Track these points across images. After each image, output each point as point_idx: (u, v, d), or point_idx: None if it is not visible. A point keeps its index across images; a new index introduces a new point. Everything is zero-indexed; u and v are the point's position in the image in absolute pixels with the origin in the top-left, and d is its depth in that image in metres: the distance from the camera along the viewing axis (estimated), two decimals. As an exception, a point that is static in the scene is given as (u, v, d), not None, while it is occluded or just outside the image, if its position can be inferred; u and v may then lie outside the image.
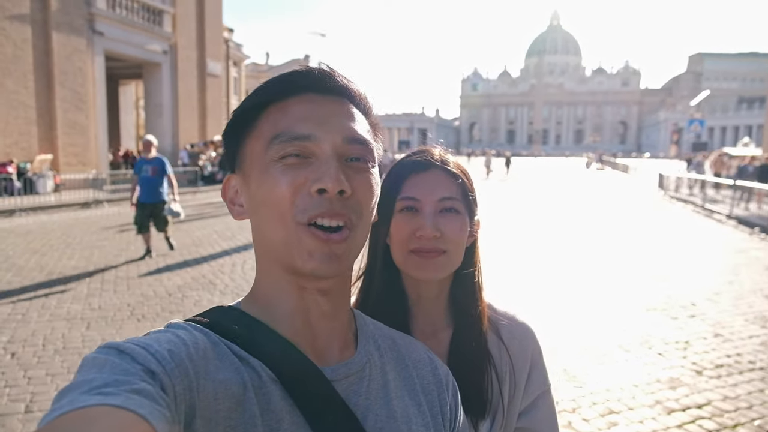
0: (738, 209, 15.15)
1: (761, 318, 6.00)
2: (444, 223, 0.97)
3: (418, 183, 0.99)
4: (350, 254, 0.67)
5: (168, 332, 0.60)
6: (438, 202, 0.98)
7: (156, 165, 8.25)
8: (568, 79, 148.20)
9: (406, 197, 0.98)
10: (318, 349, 0.70)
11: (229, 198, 0.73)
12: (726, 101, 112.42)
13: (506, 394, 1.02)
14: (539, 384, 1.06)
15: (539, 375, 1.06)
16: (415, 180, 0.99)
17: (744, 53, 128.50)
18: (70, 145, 19.63)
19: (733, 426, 3.64)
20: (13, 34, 17.30)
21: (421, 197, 0.98)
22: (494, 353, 1.03)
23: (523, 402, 1.04)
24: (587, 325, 5.66)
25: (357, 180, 0.66)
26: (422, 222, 0.96)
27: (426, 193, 0.98)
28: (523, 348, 1.06)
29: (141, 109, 32.52)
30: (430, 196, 0.98)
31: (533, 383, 1.05)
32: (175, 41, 25.68)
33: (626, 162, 45.49)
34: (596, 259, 9.17)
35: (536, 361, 1.07)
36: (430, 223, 0.96)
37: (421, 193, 0.98)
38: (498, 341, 1.05)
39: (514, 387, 1.03)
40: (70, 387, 0.48)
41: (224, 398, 0.58)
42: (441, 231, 0.96)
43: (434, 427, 0.75)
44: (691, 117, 36.12)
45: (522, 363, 1.05)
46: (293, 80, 0.69)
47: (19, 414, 3.62)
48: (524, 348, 1.06)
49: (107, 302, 6.17)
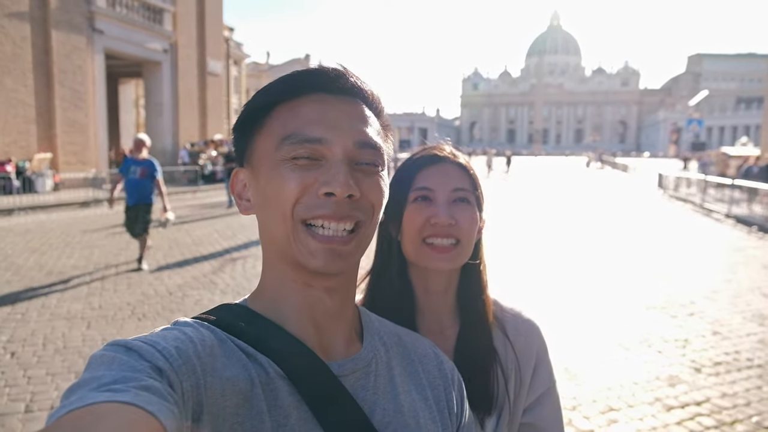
0: (739, 209, 15.14)
1: (759, 316, 6.01)
2: (458, 212, 0.97)
3: (431, 174, 1.00)
4: (355, 252, 0.67)
5: (175, 329, 0.60)
6: (452, 192, 0.99)
7: (146, 167, 7.45)
8: (568, 79, 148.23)
9: (420, 187, 0.99)
10: (324, 345, 0.70)
11: (237, 192, 0.73)
12: (724, 101, 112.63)
13: (512, 390, 1.03)
14: (544, 380, 1.06)
15: (544, 371, 1.07)
16: (428, 172, 1.00)
17: (742, 54, 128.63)
18: (69, 143, 19.60)
19: (732, 423, 3.66)
20: (12, 32, 17.28)
21: (435, 187, 0.99)
22: (500, 350, 1.04)
23: (528, 398, 1.05)
24: (587, 323, 5.68)
25: (366, 183, 0.66)
26: (437, 209, 0.97)
27: (439, 183, 0.99)
28: (528, 344, 1.06)
29: (141, 108, 32.47)
30: (443, 185, 0.99)
31: (538, 380, 1.05)
32: (175, 40, 25.66)
33: (626, 161, 45.52)
34: (596, 257, 9.17)
35: (541, 358, 1.07)
36: (445, 210, 0.96)
37: (435, 183, 0.99)
38: (504, 338, 1.05)
39: (519, 383, 1.04)
40: (79, 384, 0.48)
41: (232, 394, 0.58)
42: (455, 219, 0.96)
43: (441, 421, 0.76)
44: (690, 117, 36.13)
45: (527, 359, 1.05)
46: (304, 79, 0.68)
47: (19, 414, 3.61)
48: (530, 344, 1.06)
49: (107, 301, 6.17)
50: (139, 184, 7.45)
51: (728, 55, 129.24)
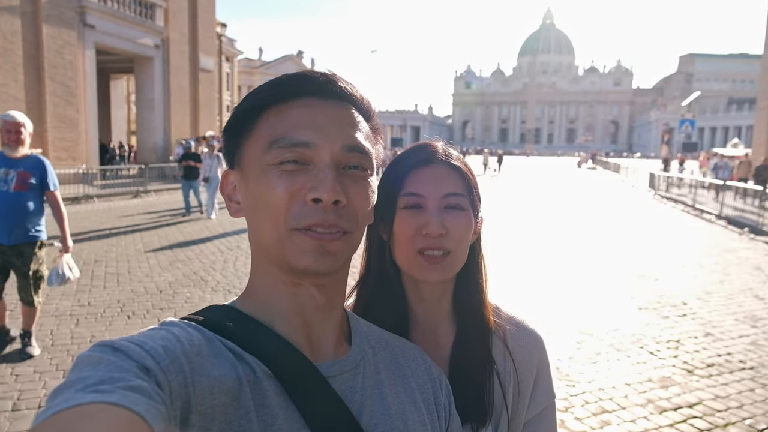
0: (731, 210, 15.23)
1: (751, 317, 6.03)
2: (449, 221, 0.92)
3: (421, 178, 0.94)
4: (344, 252, 0.67)
5: (162, 329, 0.60)
6: (443, 198, 0.93)
7: (28, 170, 4.31)
8: (561, 78, 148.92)
9: (409, 193, 0.93)
10: (313, 347, 0.70)
11: (227, 194, 0.73)
12: (716, 102, 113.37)
13: (510, 402, 0.99)
14: (546, 395, 1.02)
15: (546, 385, 1.02)
16: (418, 175, 0.94)
17: (735, 54, 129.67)
18: (60, 139, 19.45)
19: (724, 425, 3.66)
20: (3, 26, 17.11)
21: (425, 193, 0.93)
22: (498, 360, 0.99)
23: (528, 412, 1.00)
24: (579, 324, 5.67)
25: (353, 189, 0.67)
26: (428, 219, 0.91)
27: (430, 189, 0.93)
28: (529, 356, 1.01)
29: (132, 104, 32.32)
30: (434, 191, 0.93)
31: (540, 394, 1.01)
32: (167, 35, 25.51)
33: (618, 161, 45.78)
34: (588, 258, 9.20)
35: (542, 371, 1.02)
36: (436, 220, 0.91)
37: (425, 189, 0.93)
38: (503, 347, 1.00)
39: (518, 396, 0.99)
40: (65, 385, 0.48)
41: (220, 394, 0.58)
42: (446, 228, 0.91)
43: (431, 423, 0.76)
44: (682, 117, 36.30)
45: (527, 372, 1.00)
46: (293, 83, 0.69)
47: (6, 412, 3.57)
48: (530, 356, 1.01)
49: (97, 299, 6.11)
50: (14, 202, 4.25)
51: (720, 55, 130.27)
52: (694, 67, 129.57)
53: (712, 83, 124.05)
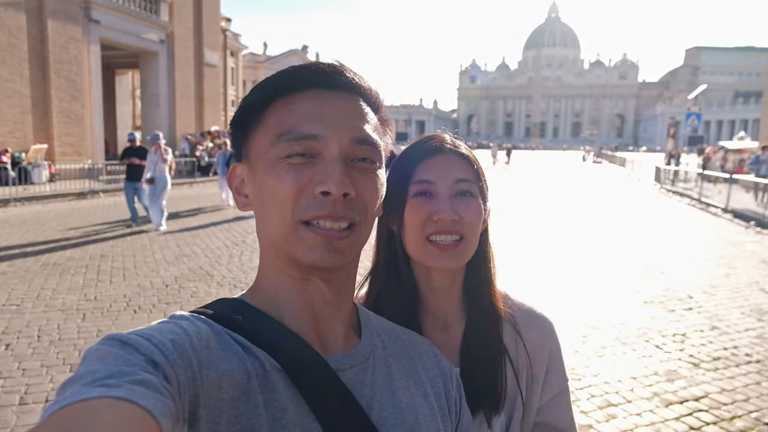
0: (737, 203, 15.14)
1: (757, 311, 6.01)
2: (460, 207, 0.92)
3: (431, 166, 0.95)
4: (352, 247, 0.67)
5: (171, 323, 0.60)
6: (453, 184, 0.93)
7: None
8: (566, 72, 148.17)
9: (420, 180, 0.94)
10: (322, 340, 0.70)
11: (234, 187, 0.73)
12: (722, 95, 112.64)
13: (524, 388, 0.99)
14: (559, 379, 1.02)
15: (558, 370, 1.03)
16: (428, 164, 0.95)
17: (741, 47, 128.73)
18: (65, 134, 19.53)
19: (731, 418, 3.65)
20: (8, 21, 17.15)
21: (436, 179, 0.93)
22: (510, 346, 1.00)
23: (542, 397, 1.01)
24: (585, 318, 5.66)
25: (362, 181, 0.66)
26: (439, 205, 0.91)
27: (440, 175, 0.94)
28: (541, 342, 1.02)
29: (137, 99, 32.36)
30: (444, 177, 0.93)
31: (553, 378, 1.02)
32: (172, 30, 25.53)
33: (623, 155, 45.64)
34: (594, 252, 9.17)
35: (555, 356, 1.03)
36: (448, 205, 0.91)
37: (435, 176, 0.94)
38: (514, 333, 1.01)
39: (531, 381, 1.00)
40: (73, 379, 0.48)
41: (228, 387, 0.58)
42: (459, 214, 0.91)
43: (441, 417, 0.75)
44: (688, 111, 36.08)
45: (540, 357, 1.01)
46: (301, 75, 0.68)
47: (14, 406, 3.59)
48: (542, 342, 1.02)
49: (103, 293, 6.14)
50: None
51: (727, 48, 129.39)
52: (701, 60, 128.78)
53: (718, 76, 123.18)
